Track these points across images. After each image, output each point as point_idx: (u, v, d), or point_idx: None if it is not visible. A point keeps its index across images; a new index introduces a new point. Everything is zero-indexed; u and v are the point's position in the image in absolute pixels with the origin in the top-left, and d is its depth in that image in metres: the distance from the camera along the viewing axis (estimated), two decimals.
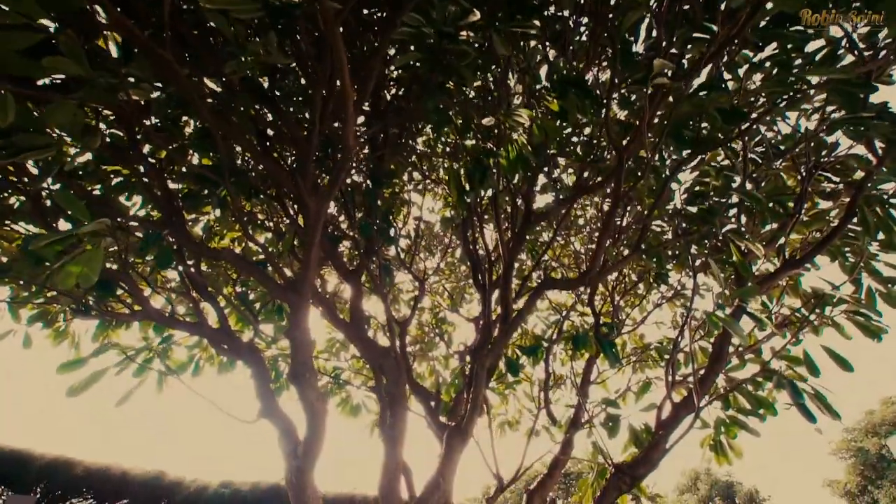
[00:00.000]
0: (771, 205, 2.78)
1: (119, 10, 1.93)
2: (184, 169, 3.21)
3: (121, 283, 2.87)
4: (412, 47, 2.00)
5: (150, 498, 4.86)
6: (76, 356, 3.51)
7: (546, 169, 3.62)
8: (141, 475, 4.90)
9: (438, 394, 3.72)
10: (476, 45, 2.03)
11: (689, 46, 2.51)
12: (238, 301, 4.08)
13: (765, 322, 1.98)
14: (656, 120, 2.75)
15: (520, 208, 3.02)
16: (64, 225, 2.75)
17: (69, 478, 4.49)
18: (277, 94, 3.31)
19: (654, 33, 2.63)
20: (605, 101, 2.36)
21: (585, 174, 3.11)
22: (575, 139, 3.61)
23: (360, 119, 3.95)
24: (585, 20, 2.90)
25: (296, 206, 3.66)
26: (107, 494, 4.70)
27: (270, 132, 3.52)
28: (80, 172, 3.04)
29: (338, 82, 1.93)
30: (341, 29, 1.82)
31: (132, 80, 2.06)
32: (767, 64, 2.80)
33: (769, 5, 1.98)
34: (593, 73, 3.35)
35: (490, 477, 2.92)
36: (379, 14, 2.86)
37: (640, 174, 2.43)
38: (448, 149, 3.39)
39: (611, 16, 2.62)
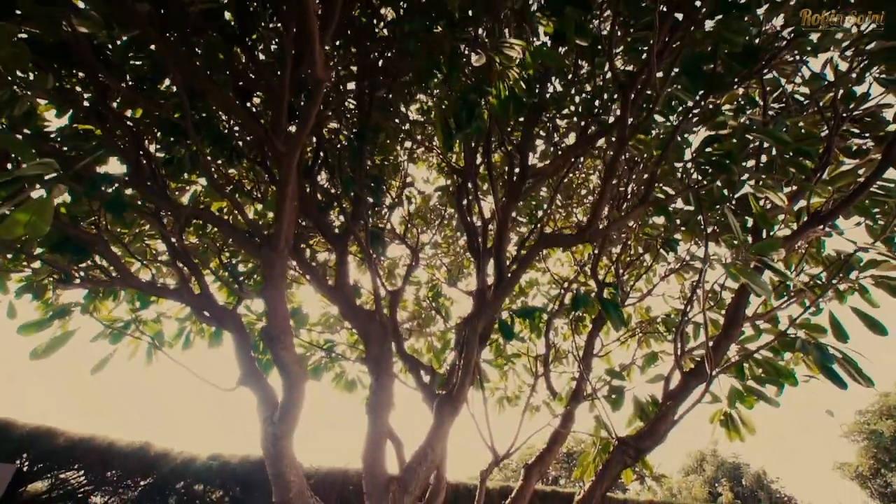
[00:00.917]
0: (795, 157, 2.53)
1: None
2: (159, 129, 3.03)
3: (97, 247, 2.74)
4: None
5: (136, 469, 4.80)
6: (63, 328, 3.41)
7: (541, 126, 3.37)
8: (126, 446, 4.83)
9: (433, 368, 3.57)
10: None
11: None
12: (225, 272, 3.94)
13: (789, 276, 1.76)
14: (663, 69, 2.50)
15: (515, 166, 2.80)
16: None
17: (52, 448, 4.42)
18: (258, 52, 3.10)
19: None
20: (608, 45, 2.12)
21: (588, 132, 2.87)
22: (577, 98, 3.37)
23: (351, 85, 3.74)
24: None
25: None
26: (91, 465, 4.63)
27: (254, 97, 3.32)
28: (59, 139, 2.90)
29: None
30: None
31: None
32: (792, 2, 2.53)
33: None
34: (595, 26, 3.08)
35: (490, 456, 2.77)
36: None
37: (647, 119, 2.19)
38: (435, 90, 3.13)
39: None
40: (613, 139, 2.59)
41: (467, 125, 1.84)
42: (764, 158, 2.82)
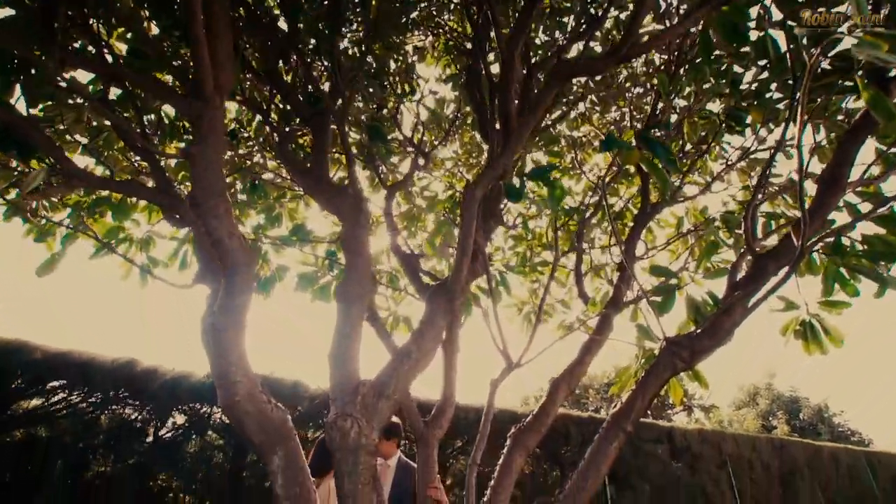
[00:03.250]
0: None
1: None
2: None
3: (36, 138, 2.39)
4: None
5: (120, 383, 4.63)
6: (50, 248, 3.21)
7: None
8: (108, 362, 4.70)
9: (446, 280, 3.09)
10: None
11: None
12: None
13: None
14: None
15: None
16: None
17: (28, 361, 4.32)
18: None
19: None
20: None
21: None
22: None
23: None
24: None
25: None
26: (72, 380, 4.53)
27: None
28: None
29: None
30: None
31: None
32: None
33: None
34: None
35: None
36: None
37: None
38: None
39: None
40: None
41: None
42: None
